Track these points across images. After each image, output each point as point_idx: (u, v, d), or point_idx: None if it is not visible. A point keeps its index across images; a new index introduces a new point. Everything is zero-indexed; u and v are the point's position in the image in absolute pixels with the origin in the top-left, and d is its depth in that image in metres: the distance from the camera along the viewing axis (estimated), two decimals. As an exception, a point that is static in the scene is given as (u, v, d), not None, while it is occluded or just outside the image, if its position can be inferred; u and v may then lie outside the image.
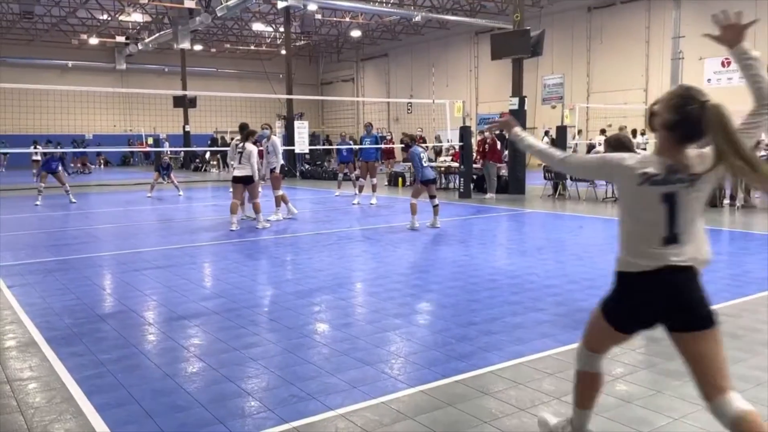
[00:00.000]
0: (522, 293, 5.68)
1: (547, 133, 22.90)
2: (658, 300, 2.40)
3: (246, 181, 9.91)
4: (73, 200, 14.50)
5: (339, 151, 16.48)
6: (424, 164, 9.82)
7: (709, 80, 22.00)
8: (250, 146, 9.92)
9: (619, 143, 5.29)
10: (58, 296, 5.77)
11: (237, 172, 9.90)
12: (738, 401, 2.30)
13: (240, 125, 10.74)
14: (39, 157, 24.35)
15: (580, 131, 23.04)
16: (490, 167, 14.76)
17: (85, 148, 29.49)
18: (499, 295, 5.64)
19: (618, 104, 24.67)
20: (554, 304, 5.31)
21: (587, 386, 2.76)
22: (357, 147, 16.08)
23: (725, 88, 21.52)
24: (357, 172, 15.22)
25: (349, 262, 7.41)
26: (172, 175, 16.93)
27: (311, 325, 4.85)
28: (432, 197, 9.97)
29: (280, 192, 11.37)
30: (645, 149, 22.33)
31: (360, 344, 4.31)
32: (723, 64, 21.40)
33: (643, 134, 23.15)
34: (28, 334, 4.59)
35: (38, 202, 14.14)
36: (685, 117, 2.31)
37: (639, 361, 3.98)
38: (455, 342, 4.33)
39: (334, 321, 4.96)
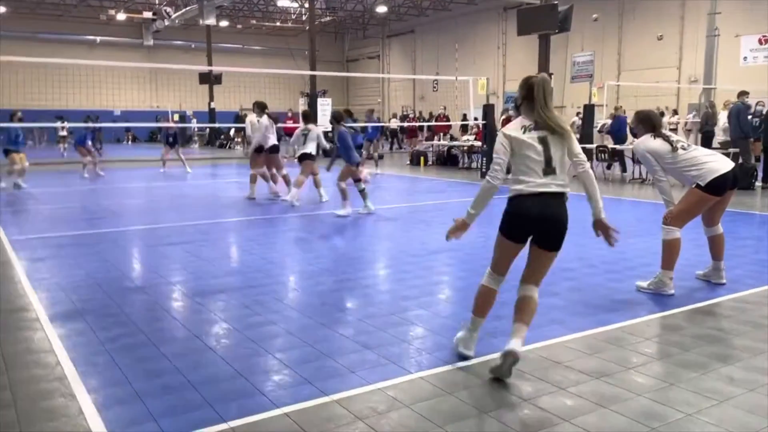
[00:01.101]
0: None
1: (578, 114, 22.33)
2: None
3: (309, 158, 10.27)
4: (86, 176, 14.65)
5: (365, 128, 16.60)
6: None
7: (745, 58, 21.24)
8: (314, 127, 10.37)
9: (647, 119, 5.08)
10: (67, 271, 5.76)
11: (301, 150, 10.29)
12: (532, 291, 3.57)
13: (257, 103, 10.84)
14: (65, 133, 24.68)
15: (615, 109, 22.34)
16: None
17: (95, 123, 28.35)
18: (512, 278, 5.42)
19: (650, 83, 23.98)
20: (569, 289, 5.12)
21: (486, 299, 3.66)
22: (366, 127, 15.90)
23: (762, 66, 20.74)
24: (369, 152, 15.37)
25: (368, 242, 7.28)
26: (179, 149, 16.74)
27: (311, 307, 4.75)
28: (357, 181, 9.27)
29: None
30: (675, 129, 21.74)
31: (362, 326, 4.19)
32: (760, 42, 20.61)
33: (675, 113, 22.49)
34: (33, 309, 4.57)
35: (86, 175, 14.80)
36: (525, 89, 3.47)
37: (654, 351, 3.79)
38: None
39: (336, 303, 4.84)
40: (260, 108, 10.94)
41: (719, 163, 4.81)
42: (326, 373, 3.41)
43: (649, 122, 5.04)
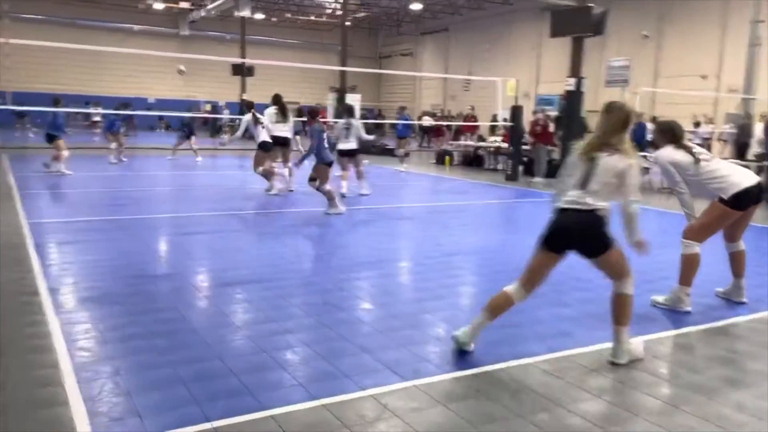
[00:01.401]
0: (548, 285, 5.32)
1: (654, 119, 21.76)
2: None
3: (353, 154, 10.65)
4: (113, 161, 14.79)
5: (396, 126, 16.75)
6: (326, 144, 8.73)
7: (787, 68, 20.57)
8: (356, 122, 10.70)
9: (669, 129, 4.88)
10: (80, 257, 5.79)
11: (343, 146, 10.47)
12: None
13: (274, 96, 10.98)
14: (99, 118, 25.04)
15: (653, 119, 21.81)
16: (540, 150, 14.19)
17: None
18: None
19: (687, 90, 23.40)
20: (582, 300, 4.96)
21: (503, 307, 3.79)
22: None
23: (805, 78, 20.08)
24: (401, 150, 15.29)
25: (381, 241, 7.20)
26: (193, 138, 16.82)
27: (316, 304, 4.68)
28: (312, 180, 8.69)
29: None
30: (709, 138, 21.17)
31: (364, 330, 4.11)
32: (804, 52, 19.92)
33: (711, 122, 21.90)
34: (38, 296, 4.59)
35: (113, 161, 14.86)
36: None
37: (662, 371, 3.63)
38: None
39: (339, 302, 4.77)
40: (247, 106, 11.31)
41: (743, 177, 4.64)
42: (319, 376, 3.34)
43: (671, 132, 4.85)
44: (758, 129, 12.59)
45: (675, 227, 8.76)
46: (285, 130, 10.76)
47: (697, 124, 21.13)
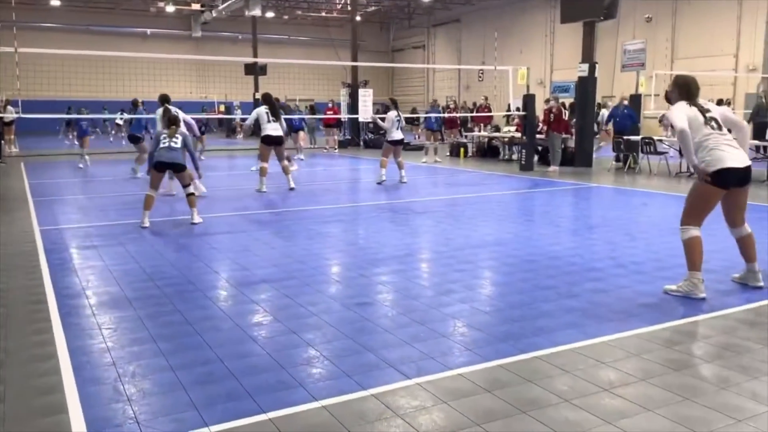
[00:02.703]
0: (558, 277, 5.25)
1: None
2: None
3: (402, 144, 12.17)
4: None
5: (427, 119, 18.08)
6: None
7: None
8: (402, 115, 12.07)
9: (685, 84, 4.81)
10: (90, 262, 5.82)
11: (396, 136, 11.79)
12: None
13: (264, 95, 11.18)
14: (121, 122, 25.17)
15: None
16: (555, 138, 14.01)
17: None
18: (533, 278, 5.24)
19: (705, 71, 22.95)
20: (592, 291, 4.86)
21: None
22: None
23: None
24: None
25: (393, 237, 7.14)
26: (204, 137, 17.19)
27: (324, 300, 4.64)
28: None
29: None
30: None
31: (367, 326, 4.06)
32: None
33: (729, 104, 21.42)
34: (45, 304, 4.61)
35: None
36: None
37: (672, 360, 3.53)
38: (469, 329, 4.01)
39: (344, 300, 4.72)
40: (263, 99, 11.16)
41: (733, 156, 4.54)
42: (322, 376, 3.30)
43: (686, 88, 4.75)
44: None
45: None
46: (276, 129, 10.64)
47: (720, 102, 20.69)
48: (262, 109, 10.73)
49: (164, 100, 10.51)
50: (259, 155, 10.95)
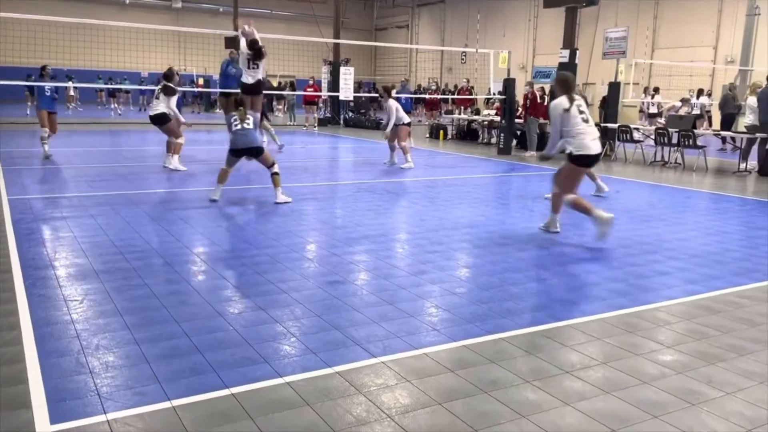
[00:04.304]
0: (529, 260, 5.31)
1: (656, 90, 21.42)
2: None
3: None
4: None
5: (398, 99, 15.90)
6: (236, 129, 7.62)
7: (785, 39, 20.35)
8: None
9: (565, 81, 5.99)
10: (59, 234, 5.73)
11: (406, 119, 11.86)
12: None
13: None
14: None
15: (655, 90, 21.54)
16: (531, 123, 14.07)
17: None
18: (503, 261, 5.28)
19: (684, 61, 23.16)
20: (560, 275, 4.92)
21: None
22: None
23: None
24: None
25: (367, 216, 7.13)
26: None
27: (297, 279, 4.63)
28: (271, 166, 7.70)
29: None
30: (709, 112, 21.00)
31: (336, 304, 4.07)
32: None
33: (709, 95, 21.69)
34: (10, 274, 4.54)
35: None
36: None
37: (665, 338, 3.63)
38: (437, 310, 4.04)
39: (318, 277, 4.72)
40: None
41: (593, 144, 5.77)
42: (286, 354, 3.31)
43: (567, 84, 5.88)
44: (750, 100, 12.43)
45: (663, 201, 8.75)
46: (253, 76, 10.84)
47: (700, 92, 21.00)
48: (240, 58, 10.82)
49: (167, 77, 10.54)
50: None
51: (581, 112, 5.78)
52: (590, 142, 5.74)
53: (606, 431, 2.62)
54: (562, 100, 5.79)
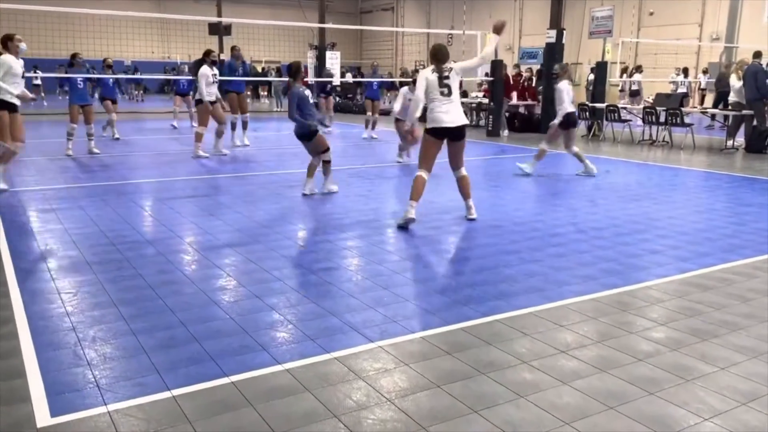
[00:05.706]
0: (521, 242, 5.33)
1: (592, 70, 21.56)
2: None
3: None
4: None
5: (369, 84, 15.38)
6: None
7: (769, 17, 20.41)
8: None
9: (433, 52, 5.85)
10: (49, 225, 5.69)
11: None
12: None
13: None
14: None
15: (637, 68, 21.52)
16: (503, 104, 14.21)
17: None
18: (496, 243, 5.31)
19: (670, 39, 23.18)
20: (553, 256, 4.95)
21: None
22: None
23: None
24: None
25: (355, 202, 7.12)
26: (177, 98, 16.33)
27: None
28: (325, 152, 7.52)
29: None
30: (704, 90, 21.12)
31: (332, 290, 4.08)
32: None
33: (705, 73, 21.76)
34: (1, 266, 4.51)
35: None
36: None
37: (659, 315, 3.69)
38: (432, 294, 4.06)
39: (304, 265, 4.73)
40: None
41: (447, 116, 5.73)
42: (284, 340, 3.32)
43: (434, 55, 5.82)
44: (733, 78, 12.49)
45: (651, 179, 8.80)
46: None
47: (686, 70, 21.15)
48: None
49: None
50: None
51: (444, 85, 5.70)
52: (442, 114, 5.73)
53: (603, 408, 2.66)
54: (426, 70, 5.90)
